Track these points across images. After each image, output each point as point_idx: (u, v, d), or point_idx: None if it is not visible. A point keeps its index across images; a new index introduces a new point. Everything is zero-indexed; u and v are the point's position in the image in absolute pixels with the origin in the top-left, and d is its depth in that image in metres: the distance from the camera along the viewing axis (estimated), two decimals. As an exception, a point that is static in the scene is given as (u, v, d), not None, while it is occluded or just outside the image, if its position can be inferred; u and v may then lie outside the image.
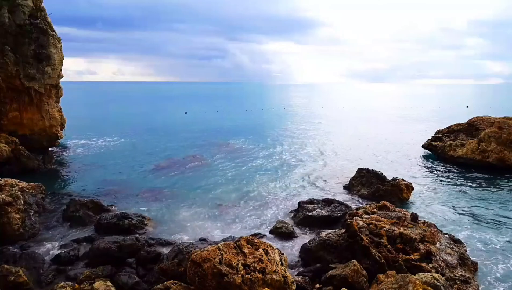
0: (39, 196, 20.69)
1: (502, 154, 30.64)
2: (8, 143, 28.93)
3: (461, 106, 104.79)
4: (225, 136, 48.66)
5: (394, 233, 14.35)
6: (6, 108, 32.71)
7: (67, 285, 12.37)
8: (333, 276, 12.90)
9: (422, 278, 10.82)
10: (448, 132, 39.01)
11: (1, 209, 16.96)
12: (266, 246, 12.48)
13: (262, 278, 11.18)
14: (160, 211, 21.38)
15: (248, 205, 22.64)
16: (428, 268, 12.83)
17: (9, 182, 19.07)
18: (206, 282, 11.01)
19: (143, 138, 46.74)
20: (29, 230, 17.54)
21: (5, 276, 12.72)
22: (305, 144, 43.68)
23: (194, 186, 26.25)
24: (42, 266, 14.73)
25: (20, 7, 32.23)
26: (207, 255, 11.38)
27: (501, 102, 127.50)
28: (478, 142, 32.66)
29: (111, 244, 15.29)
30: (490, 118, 36.76)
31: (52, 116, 35.45)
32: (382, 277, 12.09)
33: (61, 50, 35.08)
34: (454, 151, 34.18)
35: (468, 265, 14.13)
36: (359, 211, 16.85)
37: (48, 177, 27.33)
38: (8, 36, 31.39)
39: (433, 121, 65.04)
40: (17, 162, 28.56)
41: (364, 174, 24.90)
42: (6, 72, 31.32)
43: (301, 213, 20.06)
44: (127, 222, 18.44)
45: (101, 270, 14.01)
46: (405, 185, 23.07)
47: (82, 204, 20.16)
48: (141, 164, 32.92)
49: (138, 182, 27.18)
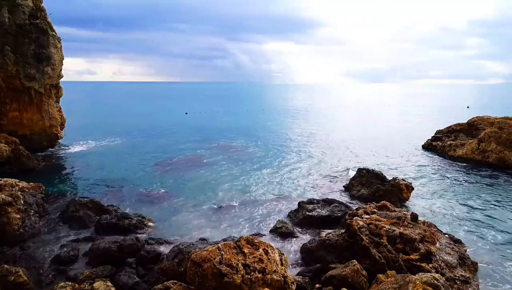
0: (39, 196, 20.67)
1: (502, 154, 30.65)
2: (8, 143, 28.93)
3: (461, 106, 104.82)
4: (225, 136, 48.66)
5: (394, 233, 14.35)
6: (6, 108, 32.74)
7: (67, 285, 12.36)
8: (333, 276, 12.89)
9: (422, 278, 10.81)
10: (448, 132, 39.05)
11: (1, 209, 16.96)
12: (266, 246, 12.46)
13: (262, 278, 11.17)
14: (160, 211, 21.38)
15: (248, 205, 22.63)
16: (428, 268, 12.82)
17: (9, 182, 19.07)
18: (206, 282, 11.00)
19: (143, 138, 46.74)
20: (29, 230, 17.53)
21: (5, 276, 12.72)
22: (305, 144, 43.69)
23: (194, 186, 26.24)
24: (42, 266, 14.74)
25: (20, 7, 32.26)
26: (207, 255, 11.37)
27: (501, 102, 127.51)
28: (478, 142, 32.68)
29: (111, 244, 15.28)
30: (490, 118, 36.79)
31: (52, 116, 35.47)
32: (382, 277, 12.08)
33: (61, 50, 35.11)
34: (454, 151, 34.19)
35: (468, 265, 14.13)
36: (359, 211, 16.84)
37: (48, 177, 27.31)
38: (8, 36, 31.41)
39: (433, 121, 65.05)
40: (17, 162, 28.57)
41: (364, 174, 24.88)
42: (6, 72, 31.34)
43: (301, 213, 20.05)
44: (127, 222, 18.43)
45: (101, 270, 14.01)
46: (405, 185, 23.06)
47: (82, 204, 20.14)
48: (141, 164, 32.92)
49: (138, 182, 27.17)
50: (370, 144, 43.02)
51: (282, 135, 50.98)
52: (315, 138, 48.38)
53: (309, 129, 57.28)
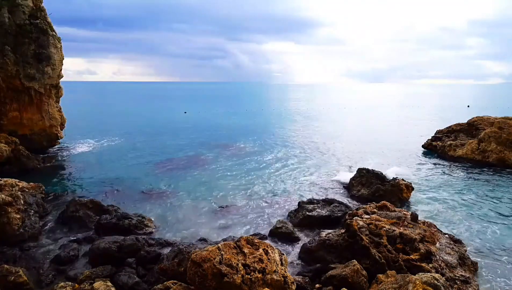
0: (39, 196, 20.66)
1: (502, 154, 30.65)
2: (8, 143, 28.92)
3: (461, 106, 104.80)
4: (225, 136, 48.67)
5: (394, 233, 14.35)
6: (6, 108, 32.71)
7: (67, 285, 12.36)
8: (333, 276, 12.90)
9: (422, 278, 10.81)
10: (448, 132, 39.05)
11: (1, 209, 16.95)
12: (266, 246, 12.46)
13: (262, 278, 11.17)
14: (160, 211, 21.37)
15: (248, 205, 22.63)
16: (428, 268, 12.83)
17: (9, 182, 19.06)
18: (206, 282, 11.00)
19: (143, 138, 46.73)
20: (29, 230, 17.51)
21: (5, 276, 12.71)
22: (305, 144, 43.68)
23: (194, 186, 26.23)
24: (42, 266, 14.73)
25: (20, 7, 32.23)
26: (207, 255, 11.37)
27: (501, 102, 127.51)
28: (478, 142, 32.68)
29: (111, 244, 15.27)
30: (490, 118, 36.79)
31: (52, 116, 35.45)
32: (382, 277, 12.09)
33: (61, 50, 35.08)
34: (454, 151, 34.19)
35: (468, 265, 14.13)
36: (359, 211, 16.85)
37: (48, 177, 27.31)
38: (8, 36, 31.39)
39: (433, 121, 65.06)
40: (17, 162, 28.56)
41: (364, 174, 24.88)
42: (6, 72, 31.32)
43: (301, 213, 20.04)
44: (127, 222, 18.41)
45: (101, 270, 13.99)
46: (405, 185, 23.07)
47: (82, 204, 20.13)
48: (141, 164, 32.92)
49: (138, 182, 27.17)
50: (370, 144, 43.03)
51: (282, 135, 50.98)
52: (315, 138, 48.34)
53: (309, 129, 57.28)
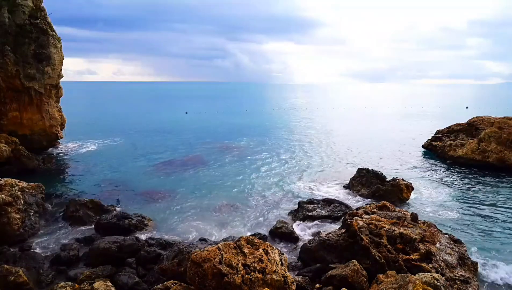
0: (39, 196, 20.67)
1: (502, 154, 30.62)
2: (8, 143, 28.93)
3: (461, 106, 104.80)
4: (225, 137, 48.64)
5: (394, 233, 14.34)
6: (6, 108, 32.72)
7: (67, 285, 12.36)
8: (333, 276, 12.89)
9: (422, 278, 10.81)
10: (448, 132, 39.00)
11: (1, 209, 16.96)
12: (266, 246, 12.46)
13: (262, 278, 11.17)
14: (160, 211, 21.38)
15: (248, 205, 22.64)
16: (428, 268, 12.82)
17: (9, 182, 19.06)
18: (206, 282, 11.00)
19: (143, 138, 46.74)
20: (29, 230, 17.53)
21: (5, 276, 12.72)
22: (305, 144, 43.68)
23: (194, 186, 26.24)
24: (42, 266, 14.73)
25: (20, 7, 32.24)
26: (207, 255, 11.37)
27: (501, 102, 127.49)
28: (478, 142, 32.65)
29: (111, 244, 15.28)
30: (490, 118, 36.75)
31: (52, 116, 35.46)
32: (382, 277, 12.08)
33: (61, 50, 35.08)
34: (454, 151, 34.16)
35: (468, 265, 14.12)
36: (359, 211, 16.84)
37: (48, 177, 27.32)
38: (8, 36, 31.40)
39: (433, 121, 65.05)
40: (17, 162, 28.56)
41: (364, 174, 24.89)
42: (6, 72, 31.32)
43: (301, 213, 20.05)
44: (127, 222, 18.43)
45: (101, 270, 14.00)
46: (405, 185, 23.07)
47: (82, 204, 20.16)
48: (141, 164, 32.92)
49: (138, 182, 27.18)
50: (370, 144, 43.03)
51: (282, 135, 50.98)
52: (315, 138, 48.34)
53: (309, 129, 57.27)
